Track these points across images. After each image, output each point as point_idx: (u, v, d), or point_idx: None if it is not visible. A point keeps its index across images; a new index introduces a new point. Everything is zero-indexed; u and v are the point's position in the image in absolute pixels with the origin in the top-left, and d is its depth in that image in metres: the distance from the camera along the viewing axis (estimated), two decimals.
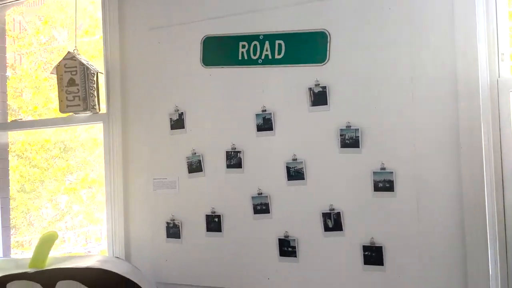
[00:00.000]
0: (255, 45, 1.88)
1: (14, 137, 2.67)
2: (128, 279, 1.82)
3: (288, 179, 1.82)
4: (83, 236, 2.88)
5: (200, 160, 1.97)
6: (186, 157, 1.99)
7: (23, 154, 2.83)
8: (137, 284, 1.82)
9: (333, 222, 1.74)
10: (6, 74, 2.57)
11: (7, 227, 2.57)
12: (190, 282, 1.98)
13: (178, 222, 2.01)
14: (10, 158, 2.63)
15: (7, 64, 2.58)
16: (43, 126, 2.44)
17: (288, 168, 1.81)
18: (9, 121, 2.54)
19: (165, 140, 2.04)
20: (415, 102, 1.63)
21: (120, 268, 1.87)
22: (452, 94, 1.58)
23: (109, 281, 1.81)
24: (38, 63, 2.86)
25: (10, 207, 2.63)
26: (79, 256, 2.05)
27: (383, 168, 1.67)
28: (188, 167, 1.99)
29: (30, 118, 2.61)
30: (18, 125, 2.49)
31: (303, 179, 1.79)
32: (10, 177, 2.61)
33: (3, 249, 2.48)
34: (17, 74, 2.80)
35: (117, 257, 2.04)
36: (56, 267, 1.83)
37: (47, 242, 1.89)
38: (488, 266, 1.54)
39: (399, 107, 1.65)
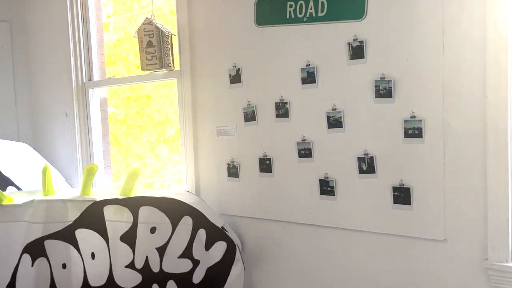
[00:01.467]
0: (300, 4, 2.06)
1: (121, 94, 3.15)
2: (195, 208, 2.21)
3: (328, 127, 2.02)
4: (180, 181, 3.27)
5: (254, 111, 2.24)
6: (243, 108, 2.28)
7: (128, 108, 3.30)
8: (202, 213, 2.20)
9: (367, 165, 1.93)
10: (113, 36, 3.01)
11: (108, 167, 3.14)
12: (246, 214, 2.32)
13: (237, 164, 2.33)
14: (117, 112, 3.15)
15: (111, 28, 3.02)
16: (131, 82, 2.88)
17: (328, 117, 2.02)
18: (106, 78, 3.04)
19: (225, 93, 2.34)
20: (446, 54, 1.71)
21: (189, 199, 2.26)
22: (481, 45, 1.64)
23: (179, 209, 2.21)
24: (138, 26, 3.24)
25: (120, 156, 3.18)
26: (158, 189, 2.49)
27: (413, 117, 1.80)
28: (244, 117, 2.28)
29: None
30: (113, 81, 2.97)
31: (342, 127, 1.99)
32: (117, 129, 3.13)
33: (105, 184, 3.05)
34: (122, 36, 3.22)
35: (188, 191, 2.45)
36: (139, 195, 2.29)
37: (133, 175, 2.34)
38: (508, 210, 1.63)
39: (431, 58, 1.74)
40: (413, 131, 1.80)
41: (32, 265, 2.32)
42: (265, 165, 2.23)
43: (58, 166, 3.00)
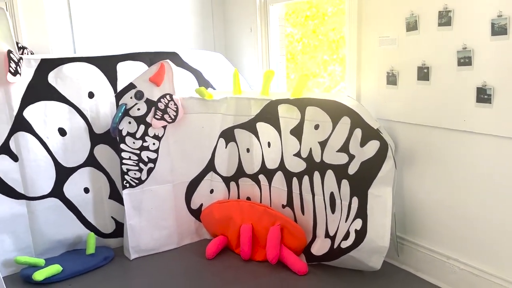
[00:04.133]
0: None
1: (298, 13, 3.49)
2: (354, 110, 2.50)
3: (492, 35, 2.01)
4: None
5: (416, 20, 2.33)
6: (405, 18, 2.38)
7: (305, 27, 3.61)
8: (359, 115, 2.47)
9: None
10: None
11: (283, 77, 3.61)
12: (401, 119, 2.52)
13: (396, 72, 2.50)
14: (294, 31, 3.53)
15: None
16: None
17: (492, 25, 2.00)
18: None
19: (389, 4, 2.45)
20: None
21: (349, 102, 2.55)
22: None
23: (340, 110, 2.52)
24: None
25: (295, 75, 3.61)
26: (323, 93, 2.84)
27: None
28: (406, 26, 2.39)
29: None
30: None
31: (506, 34, 1.96)
32: (294, 48, 3.54)
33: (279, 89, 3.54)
34: None
35: (349, 96, 2.74)
36: (306, 97, 2.69)
37: (303, 80, 2.73)
38: None
39: None
40: None
41: (225, 147, 3.02)
42: (423, 73, 2.35)
43: (242, 73, 3.61)
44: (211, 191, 3.10)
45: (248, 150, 2.96)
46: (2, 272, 2.42)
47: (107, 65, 2.94)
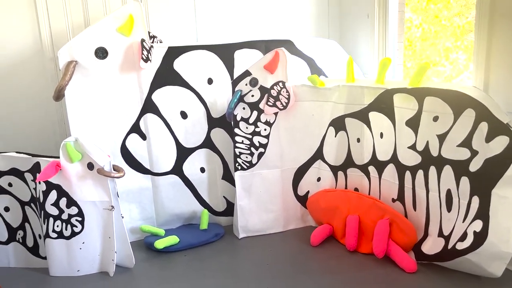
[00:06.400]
0: None
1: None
2: (480, 102, 2.27)
3: None
4: None
5: None
6: None
7: (426, 12, 3.42)
8: (486, 107, 2.24)
9: None
10: None
11: (400, 64, 3.44)
12: None
13: None
14: (414, 17, 3.35)
15: None
16: None
17: None
18: None
19: None
20: None
21: (474, 93, 2.33)
22: None
23: (463, 101, 2.32)
24: None
25: (411, 64, 3.44)
26: (444, 83, 2.64)
27: None
28: None
29: None
30: None
31: None
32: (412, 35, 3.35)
33: (395, 78, 3.39)
34: None
35: (475, 87, 2.50)
36: (425, 86, 2.53)
37: (423, 68, 2.56)
38: None
39: None
40: None
41: (335, 136, 2.99)
42: None
43: (357, 60, 3.51)
44: (318, 179, 3.11)
45: (358, 140, 2.90)
46: (130, 238, 2.72)
47: (225, 52, 3.09)
